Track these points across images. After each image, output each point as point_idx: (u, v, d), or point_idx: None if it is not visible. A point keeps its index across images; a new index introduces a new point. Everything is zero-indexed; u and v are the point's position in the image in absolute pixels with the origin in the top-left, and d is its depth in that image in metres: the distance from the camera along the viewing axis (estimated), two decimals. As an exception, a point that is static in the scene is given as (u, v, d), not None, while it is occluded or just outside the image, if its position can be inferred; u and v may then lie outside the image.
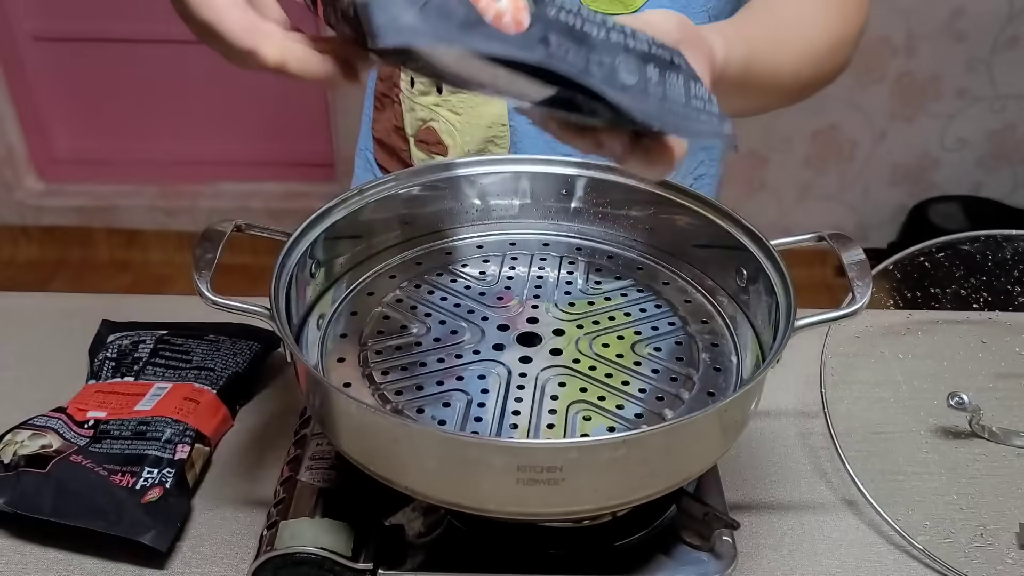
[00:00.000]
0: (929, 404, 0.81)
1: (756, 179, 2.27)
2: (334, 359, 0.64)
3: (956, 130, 2.20)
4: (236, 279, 1.42)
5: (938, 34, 2.06)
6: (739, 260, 0.68)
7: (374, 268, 0.73)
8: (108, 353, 0.82)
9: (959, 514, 0.72)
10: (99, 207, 2.44)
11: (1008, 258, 0.82)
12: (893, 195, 2.30)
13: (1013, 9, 2.02)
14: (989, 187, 2.28)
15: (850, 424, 0.78)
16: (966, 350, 0.86)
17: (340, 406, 0.55)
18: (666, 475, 0.55)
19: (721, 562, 0.62)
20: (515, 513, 0.54)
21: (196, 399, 0.76)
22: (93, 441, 0.72)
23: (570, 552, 0.62)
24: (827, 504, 0.73)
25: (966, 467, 0.76)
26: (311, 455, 0.67)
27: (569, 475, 0.51)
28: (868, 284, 0.61)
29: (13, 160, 2.39)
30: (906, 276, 0.82)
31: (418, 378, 0.62)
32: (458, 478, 0.53)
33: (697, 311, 0.69)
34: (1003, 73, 2.11)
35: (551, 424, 0.58)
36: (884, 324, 0.89)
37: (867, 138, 2.21)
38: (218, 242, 0.63)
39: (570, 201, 0.76)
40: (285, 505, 0.63)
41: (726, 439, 0.58)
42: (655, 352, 0.65)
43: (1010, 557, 0.68)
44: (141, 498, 0.67)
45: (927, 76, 2.12)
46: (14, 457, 0.70)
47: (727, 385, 0.63)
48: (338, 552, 0.59)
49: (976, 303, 0.83)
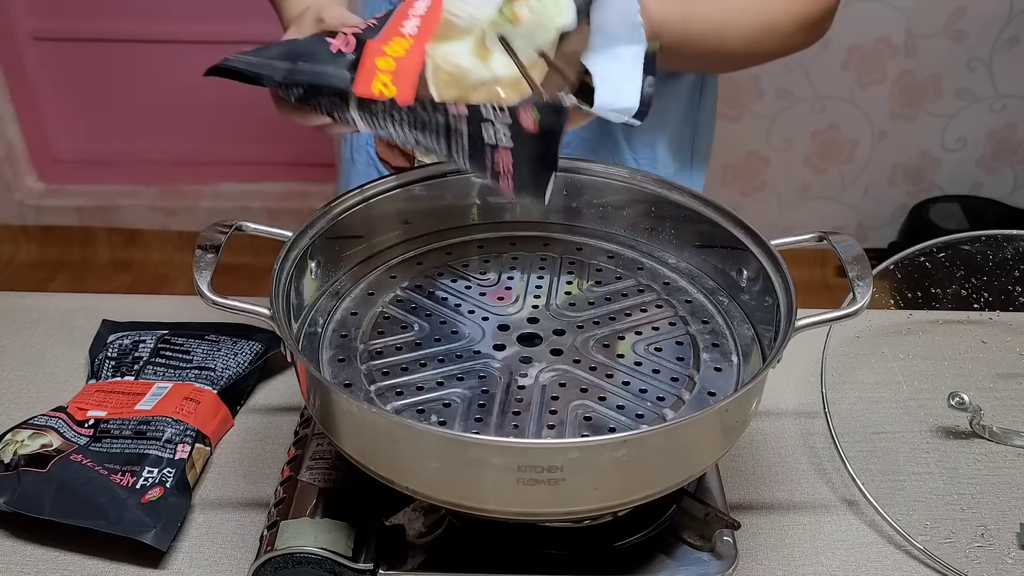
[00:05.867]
0: (930, 404, 0.81)
1: (756, 179, 2.27)
2: (334, 359, 0.64)
3: (956, 130, 2.20)
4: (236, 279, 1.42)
5: (938, 34, 2.06)
6: (739, 260, 0.68)
7: (374, 268, 0.73)
8: (108, 353, 0.82)
9: (959, 514, 0.72)
10: (99, 207, 2.43)
11: (1008, 258, 0.82)
12: (893, 195, 2.29)
13: (1013, 9, 2.02)
14: (989, 187, 2.28)
15: (851, 424, 0.78)
16: (967, 350, 0.86)
17: (340, 406, 0.55)
18: (667, 475, 0.55)
19: (722, 562, 0.62)
20: (515, 513, 0.54)
21: (197, 399, 0.76)
22: (93, 440, 0.72)
23: (570, 552, 0.62)
24: (828, 504, 0.73)
25: (967, 467, 0.76)
26: (311, 455, 0.67)
27: (569, 475, 0.51)
28: (868, 284, 0.60)
29: (13, 160, 2.39)
30: (906, 276, 0.82)
31: (418, 378, 0.62)
32: (458, 478, 0.53)
33: (697, 311, 0.69)
34: (1003, 73, 2.10)
35: (551, 424, 0.58)
36: (885, 324, 0.89)
37: (867, 138, 2.20)
38: (219, 242, 0.63)
39: (571, 201, 0.76)
40: (285, 505, 0.63)
41: (727, 439, 0.58)
42: (656, 352, 0.65)
43: (1010, 557, 0.68)
44: (141, 498, 0.67)
45: (927, 76, 2.11)
46: (14, 456, 0.70)
47: (728, 385, 0.62)
48: (338, 552, 0.59)
49: (977, 303, 0.83)
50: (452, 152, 0.61)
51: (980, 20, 2.04)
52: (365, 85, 0.60)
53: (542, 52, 0.62)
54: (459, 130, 0.60)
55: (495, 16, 0.62)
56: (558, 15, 0.62)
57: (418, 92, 0.60)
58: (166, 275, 2.42)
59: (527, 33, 0.62)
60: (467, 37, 0.62)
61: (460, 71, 0.61)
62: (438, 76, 0.61)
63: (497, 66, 0.62)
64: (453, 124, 0.60)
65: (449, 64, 0.61)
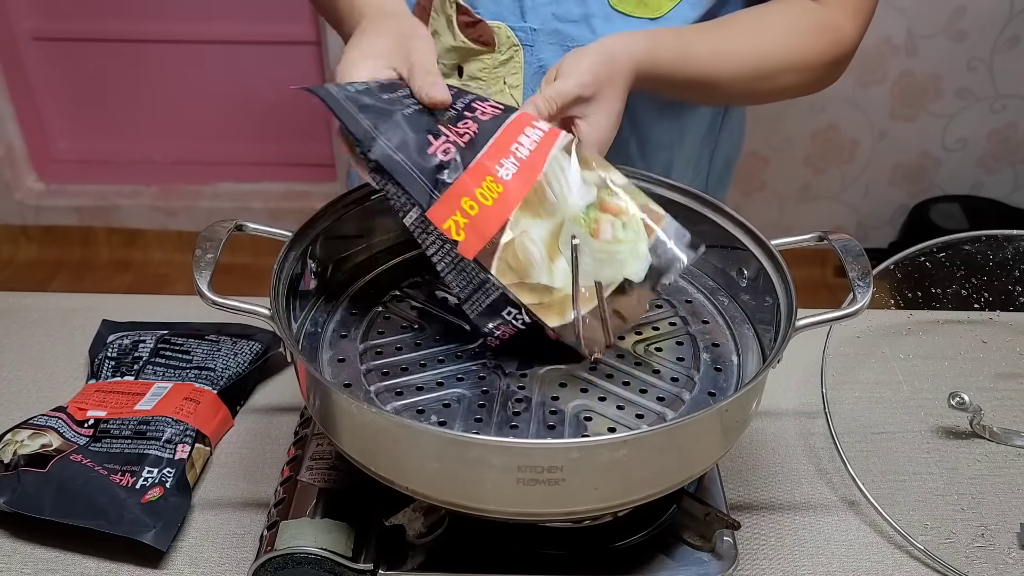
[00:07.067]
0: (930, 404, 0.81)
1: (756, 179, 2.27)
2: (334, 359, 0.64)
3: (957, 130, 2.19)
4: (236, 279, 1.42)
5: (939, 34, 2.06)
6: (740, 260, 0.68)
7: (374, 268, 0.73)
8: (108, 353, 0.82)
9: (960, 514, 0.72)
10: (99, 207, 2.43)
11: (1009, 258, 0.82)
12: (894, 195, 2.29)
13: (1013, 9, 2.02)
14: (990, 187, 2.28)
15: (851, 424, 0.78)
16: (967, 350, 0.86)
17: (340, 406, 0.55)
18: (667, 475, 0.55)
19: (722, 562, 0.62)
20: (515, 513, 0.54)
21: (196, 399, 0.76)
22: (93, 440, 0.72)
23: (570, 552, 0.62)
24: (828, 504, 0.73)
25: (967, 467, 0.76)
26: (311, 455, 0.67)
27: (570, 475, 0.51)
28: (869, 284, 0.60)
29: (13, 160, 2.39)
30: (907, 276, 0.82)
31: (418, 378, 0.62)
32: (458, 478, 0.53)
33: (698, 311, 0.69)
34: (1004, 73, 2.10)
35: (552, 425, 0.58)
36: (885, 324, 0.88)
37: (868, 138, 2.20)
38: (218, 242, 0.62)
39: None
40: (285, 505, 0.63)
41: (727, 439, 0.58)
42: (656, 352, 0.65)
43: (1011, 557, 0.68)
44: (141, 498, 0.67)
45: (928, 76, 2.11)
46: (14, 456, 0.70)
47: (728, 385, 0.62)
48: (338, 552, 0.59)
49: (977, 303, 0.83)
50: (467, 302, 0.61)
51: (980, 20, 2.04)
52: (440, 217, 0.58)
53: (599, 284, 0.60)
54: (488, 293, 0.60)
55: (581, 211, 0.60)
56: (631, 261, 0.60)
57: (480, 253, 0.59)
58: (166, 275, 2.42)
59: (597, 254, 0.60)
60: (550, 219, 0.60)
61: (527, 263, 0.59)
62: (507, 253, 0.59)
63: (558, 275, 0.60)
64: (487, 288, 0.60)
65: (522, 248, 0.59)
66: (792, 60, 0.78)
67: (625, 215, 0.61)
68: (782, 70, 0.78)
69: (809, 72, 0.79)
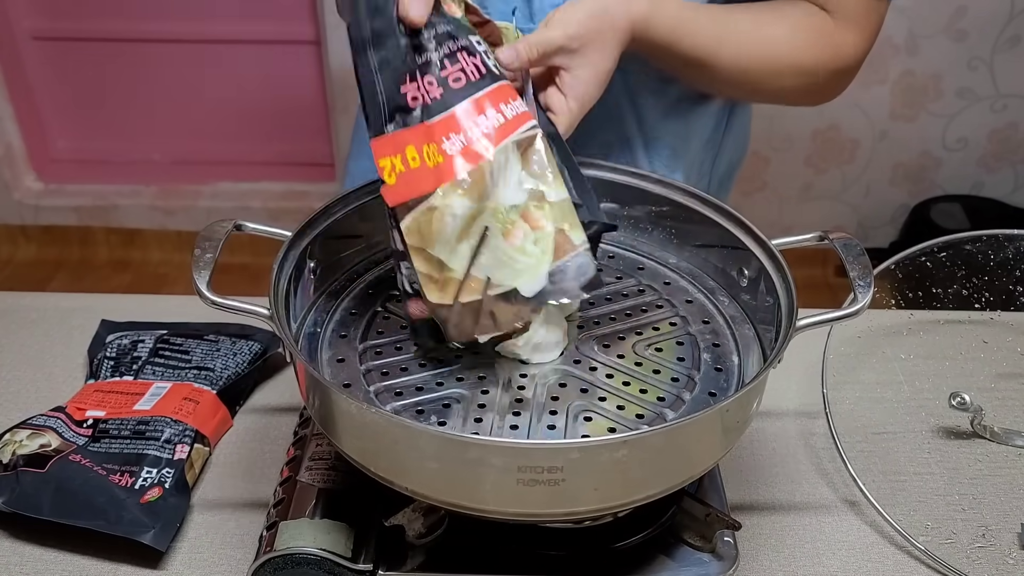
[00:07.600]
0: (931, 404, 0.81)
1: (757, 179, 2.26)
2: (334, 359, 0.63)
3: (957, 129, 2.19)
4: (236, 279, 1.42)
5: (939, 34, 2.06)
6: (740, 260, 0.68)
7: (374, 268, 0.73)
8: (107, 352, 0.82)
9: (961, 515, 0.71)
10: (99, 207, 2.43)
11: (1010, 258, 0.82)
12: (894, 195, 2.29)
13: (1014, 8, 2.02)
14: (990, 187, 2.28)
15: (852, 424, 0.78)
16: (968, 350, 0.86)
17: (340, 406, 0.55)
18: (667, 476, 0.55)
19: (722, 563, 0.61)
20: (515, 514, 0.54)
21: (196, 399, 0.76)
22: (92, 440, 0.72)
23: (570, 553, 0.62)
24: (829, 504, 0.73)
25: (968, 467, 0.76)
26: (311, 456, 0.67)
27: (570, 476, 0.51)
28: (869, 284, 0.60)
29: (12, 160, 2.39)
30: (908, 276, 0.82)
31: (418, 378, 0.61)
32: (458, 479, 0.53)
33: (698, 311, 0.69)
34: (1004, 72, 2.10)
35: (552, 425, 0.58)
36: (886, 324, 0.88)
37: (868, 137, 2.20)
38: (218, 242, 0.62)
39: (571, 200, 0.76)
40: (285, 506, 0.63)
41: (727, 439, 0.58)
42: (656, 352, 0.65)
43: (1011, 558, 0.68)
44: (140, 498, 0.67)
45: (928, 75, 2.11)
46: (13, 456, 0.70)
47: (728, 385, 0.62)
48: (338, 552, 0.59)
49: (978, 303, 0.83)
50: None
51: (981, 20, 2.04)
52: (381, 152, 0.59)
53: (488, 280, 0.60)
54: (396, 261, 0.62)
55: (504, 209, 0.59)
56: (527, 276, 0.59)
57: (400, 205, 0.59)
58: (165, 275, 2.42)
59: (500, 254, 0.59)
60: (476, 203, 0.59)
61: (439, 234, 0.59)
62: (424, 216, 0.59)
63: (457, 258, 0.59)
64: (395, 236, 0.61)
65: (440, 220, 0.58)
66: (795, 59, 0.77)
67: (541, 232, 0.60)
68: (784, 66, 0.78)
69: (810, 76, 0.79)
